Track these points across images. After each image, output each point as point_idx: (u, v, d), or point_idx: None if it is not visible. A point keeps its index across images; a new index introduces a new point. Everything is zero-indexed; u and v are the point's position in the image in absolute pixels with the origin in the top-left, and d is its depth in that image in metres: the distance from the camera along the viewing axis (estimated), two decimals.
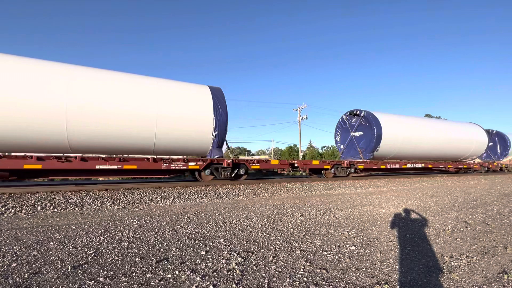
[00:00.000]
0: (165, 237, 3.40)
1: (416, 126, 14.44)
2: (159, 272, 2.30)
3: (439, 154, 15.50)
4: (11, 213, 4.74)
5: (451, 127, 16.47)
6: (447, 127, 16.15)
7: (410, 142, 13.75)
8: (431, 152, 15.01)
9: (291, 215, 4.84)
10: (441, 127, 15.67)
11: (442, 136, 15.19)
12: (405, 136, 13.58)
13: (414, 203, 6.45)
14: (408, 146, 13.80)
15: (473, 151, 16.85)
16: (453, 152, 16.01)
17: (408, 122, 14.39)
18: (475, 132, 17.25)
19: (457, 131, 16.30)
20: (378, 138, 12.50)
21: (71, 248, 2.89)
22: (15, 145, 6.51)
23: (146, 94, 7.72)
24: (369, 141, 12.82)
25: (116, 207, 5.59)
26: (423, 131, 14.47)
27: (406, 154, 14.17)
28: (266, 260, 2.63)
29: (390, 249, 3.08)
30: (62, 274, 2.22)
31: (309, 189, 8.74)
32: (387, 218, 4.67)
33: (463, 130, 16.72)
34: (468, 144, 16.45)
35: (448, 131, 15.69)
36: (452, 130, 16.10)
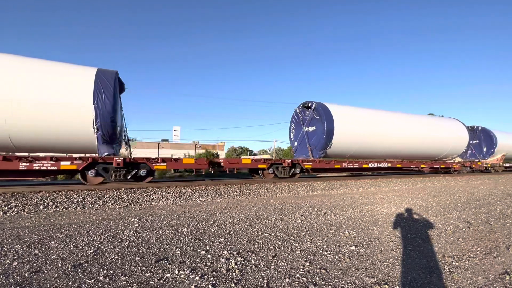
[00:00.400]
0: (166, 236, 3.41)
1: (380, 121, 12.70)
2: (159, 271, 2.31)
3: (410, 152, 13.86)
4: (13, 212, 4.77)
5: (426, 122, 14.76)
6: (420, 122, 14.45)
7: (373, 138, 12.13)
8: (400, 150, 13.38)
9: (292, 215, 4.83)
10: (413, 122, 14.05)
11: (415, 132, 13.65)
12: (366, 132, 11.92)
13: (416, 203, 6.40)
14: (372, 144, 12.19)
15: (451, 149, 15.25)
16: (427, 150, 14.36)
17: (370, 116, 12.58)
18: (454, 128, 15.61)
19: (432, 126, 14.65)
20: (329, 133, 10.81)
21: (72, 247, 2.90)
22: None
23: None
24: (319, 137, 11.06)
25: (117, 206, 5.61)
26: (390, 127, 12.89)
27: (370, 152, 12.62)
28: (265, 260, 2.63)
29: (391, 249, 3.06)
30: (62, 273, 2.23)
31: (310, 188, 8.71)
32: (389, 218, 4.65)
33: (439, 126, 15.12)
34: (446, 141, 14.85)
35: (421, 127, 14.10)
36: (427, 126, 14.42)
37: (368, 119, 12.36)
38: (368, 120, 12.33)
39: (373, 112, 13.11)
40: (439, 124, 15.33)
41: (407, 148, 13.51)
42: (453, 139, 15.16)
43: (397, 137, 12.97)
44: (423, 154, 14.63)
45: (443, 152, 15.16)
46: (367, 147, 12.26)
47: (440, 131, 14.89)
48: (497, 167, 18.75)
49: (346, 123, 11.38)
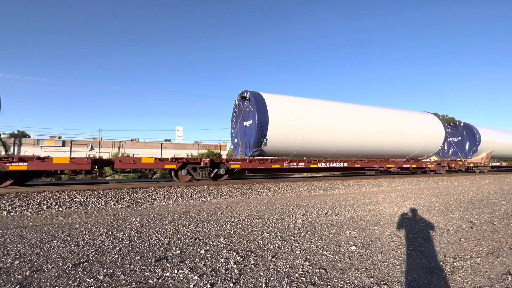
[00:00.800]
0: (166, 236, 3.42)
1: (334, 114, 10.99)
2: (158, 270, 2.32)
3: (373, 150, 12.12)
4: (17, 212, 4.83)
5: (394, 116, 12.92)
6: (387, 116, 12.60)
7: (325, 134, 10.50)
8: (361, 148, 11.72)
9: (293, 215, 4.82)
10: (378, 116, 12.20)
11: (378, 128, 11.83)
12: (316, 126, 10.26)
13: (419, 202, 6.35)
14: (323, 140, 10.54)
15: (424, 147, 13.47)
16: (394, 148, 12.56)
17: (321, 109, 10.73)
18: (428, 123, 13.78)
19: (401, 121, 12.90)
20: (262, 127, 9.18)
21: (73, 247, 2.93)
22: None
23: None
24: (252, 132, 9.50)
25: (119, 206, 5.65)
26: (348, 121, 11.20)
27: (321, 150, 10.91)
28: (265, 260, 2.62)
29: (391, 249, 3.04)
30: (63, 272, 2.25)
31: (312, 188, 8.69)
32: (390, 218, 4.62)
33: (410, 121, 13.30)
34: (417, 138, 13.11)
35: (387, 121, 12.34)
36: (394, 120, 12.67)
37: (318, 112, 10.65)
38: (318, 112, 10.59)
39: (325, 104, 11.34)
40: (410, 119, 13.48)
41: (369, 145, 11.78)
42: (426, 136, 13.41)
43: (356, 133, 11.24)
44: (390, 153, 12.84)
45: (415, 150, 13.35)
46: (318, 144, 10.59)
47: (411, 127, 13.09)
48: (481, 167, 16.91)
49: (287, 115, 9.77)
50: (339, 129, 10.91)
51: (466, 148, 16.73)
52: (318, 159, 10.94)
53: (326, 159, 11.11)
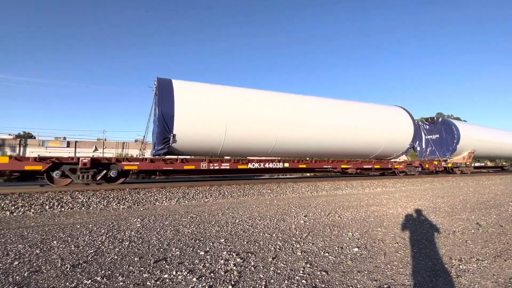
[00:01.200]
0: (166, 236, 3.40)
1: (268, 105, 9.30)
2: (156, 272, 2.29)
3: (324, 148, 10.41)
4: (20, 212, 4.85)
5: (349, 109, 11.01)
6: (340, 109, 10.75)
7: (255, 129, 8.86)
8: (308, 146, 10.04)
9: (295, 216, 4.77)
10: (328, 110, 10.42)
11: (329, 122, 10.08)
12: (243, 119, 8.67)
13: (424, 203, 6.25)
14: (255, 136, 8.94)
15: (387, 145, 11.62)
16: (351, 146, 10.82)
17: (249, 99, 9.11)
18: (394, 118, 11.94)
19: (358, 115, 11.02)
20: (165, 120, 7.64)
21: (73, 247, 2.92)
22: None
23: None
24: (155, 126, 8.11)
25: (121, 206, 5.65)
26: (288, 114, 9.53)
27: (254, 148, 9.25)
28: (265, 261, 2.58)
29: (395, 251, 2.97)
30: (61, 273, 2.23)
31: (315, 189, 8.61)
32: (394, 219, 4.54)
33: (370, 115, 11.41)
34: (379, 134, 11.28)
35: (340, 115, 10.52)
36: (349, 114, 10.79)
37: (247, 103, 8.98)
38: (246, 104, 8.93)
39: (255, 94, 9.56)
40: (371, 112, 11.62)
41: (319, 142, 10.03)
42: (390, 132, 11.64)
43: (301, 128, 9.59)
44: (347, 151, 11.17)
45: (378, 149, 11.53)
46: (248, 140, 8.97)
47: (371, 121, 11.25)
48: (463, 167, 15.12)
49: (202, 106, 8.16)
50: (276, 123, 9.13)
51: (444, 146, 15.15)
52: (249, 158, 9.33)
53: (259, 158, 9.51)
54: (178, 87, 8.26)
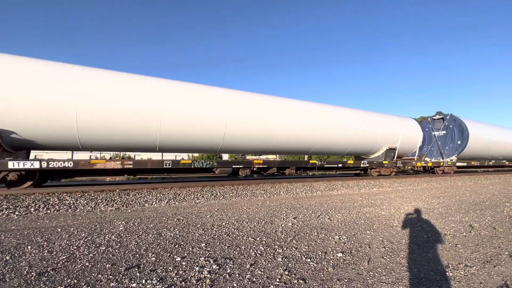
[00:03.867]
0: (146, 241, 3.29)
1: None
2: (125, 281, 2.18)
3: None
4: (3, 215, 4.75)
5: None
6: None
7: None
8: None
9: (284, 218, 4.66)
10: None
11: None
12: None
13: (418, 204, 6.13)
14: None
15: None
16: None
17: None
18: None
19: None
20: None
21: (45, 253, 2.81)
22: None
23: None
24: None
25: (109, 208, 5.55)
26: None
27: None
28: (242, 268, 2.47)
29: (380, 256, 2.86)
30: (24, 282, 2.13)
31: (310, 189, 8.50)
32: (385, 221, 4.42)
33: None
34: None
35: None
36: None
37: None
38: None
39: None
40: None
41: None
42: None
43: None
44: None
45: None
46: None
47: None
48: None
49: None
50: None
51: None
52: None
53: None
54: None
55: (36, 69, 6.71)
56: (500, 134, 16.93)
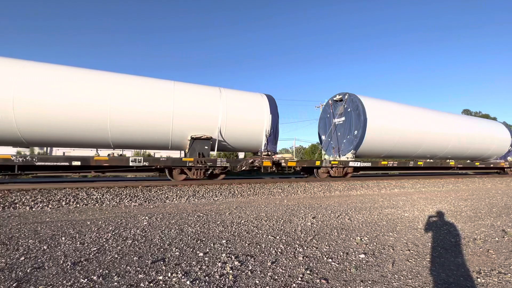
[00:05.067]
0: (169, 236, 3.41)
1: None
2: (152, 273, 2.28)
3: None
4: (38, 208, 5.10)
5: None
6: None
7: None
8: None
9: (303, 217, 4.63)
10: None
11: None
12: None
13: (444, 206, 5.86)
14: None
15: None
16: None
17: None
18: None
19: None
20: None
21: (78, 244, 2.99)
22: None
23: None
24: None
25: (133, 203, 5.79)
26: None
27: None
28: (263, 266, 2.49)
29: (405, 259, 2.77)
30: (61, 270, 2.28)
31: (328, 189, 8.38)
32: (409, 223, 4.27)
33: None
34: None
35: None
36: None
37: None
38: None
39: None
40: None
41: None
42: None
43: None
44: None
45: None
46: None
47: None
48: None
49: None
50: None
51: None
52: None
53: None
54: None
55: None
56: (438, 121, 12.37)
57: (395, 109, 11.35)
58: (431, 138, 12.06)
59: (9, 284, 2.03)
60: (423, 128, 11.75)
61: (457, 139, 12.85)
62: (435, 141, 12.26)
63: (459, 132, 12.99)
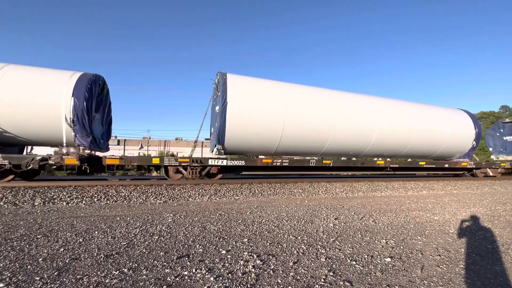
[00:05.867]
0: (193, 233, 3.51)
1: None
2: (177, 268, 2.37)
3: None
4: (74, 203, 5.49)
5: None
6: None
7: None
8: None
9: (324, 218, 4.56)
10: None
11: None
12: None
13: (479, 210, 5.46)
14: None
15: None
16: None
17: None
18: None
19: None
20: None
21: (109, 238, 3.19)
22: None
23: None
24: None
25: (158, 201, 6.04)
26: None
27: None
28: (285, 266, 2.49)
29: (435, 265, 2.63)
30: (95, 262, 2.45)
31: (350, 189, 8.15)
32: (439, 227, 4.04)
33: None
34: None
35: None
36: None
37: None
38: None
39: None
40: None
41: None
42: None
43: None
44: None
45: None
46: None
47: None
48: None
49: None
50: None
51: None
52: None
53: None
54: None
55: None
56: (353, 107, 9.47)
57: (280, 89, 8.71)
58: (343, 129, 9.00)
59: (51, 272, 2.22)
60: (330, 116, 8.81)
61: (386, 130, 9.64)
62: (351, 133, 9.19)
63: (387, 121, 9.68)
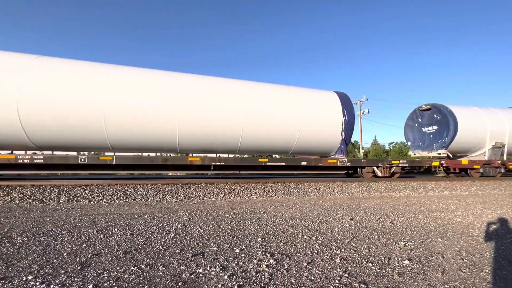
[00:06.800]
0: (208, 231, 3.57)
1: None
2: (193, 266, 2.42)
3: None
4: (95, 201, 5.74)
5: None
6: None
7: None
8: None
9: (340, 218, 4.48)
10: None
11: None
12: None
13: (506, 212, 5.16)
14: None
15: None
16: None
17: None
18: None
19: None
20: None
21: (128, 235, 3.30)
22: None
23: None
24: None
25: (174, 200, 6.18)
26: None
27: None
28: (299, 266, 2.48)
29: (458, 269, 2.51)
30: (115, 258, 2.55)
31: (367, 189, 7.96)
32: (462, 230, 3.85)
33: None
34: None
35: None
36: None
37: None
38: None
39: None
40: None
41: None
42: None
43: None
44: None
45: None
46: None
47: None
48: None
49: None
50: None
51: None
52: None
53: None
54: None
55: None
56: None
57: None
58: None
59: (74, 267, 2.33)
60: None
61: (205, 116, 7.61)
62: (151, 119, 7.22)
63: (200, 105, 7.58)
